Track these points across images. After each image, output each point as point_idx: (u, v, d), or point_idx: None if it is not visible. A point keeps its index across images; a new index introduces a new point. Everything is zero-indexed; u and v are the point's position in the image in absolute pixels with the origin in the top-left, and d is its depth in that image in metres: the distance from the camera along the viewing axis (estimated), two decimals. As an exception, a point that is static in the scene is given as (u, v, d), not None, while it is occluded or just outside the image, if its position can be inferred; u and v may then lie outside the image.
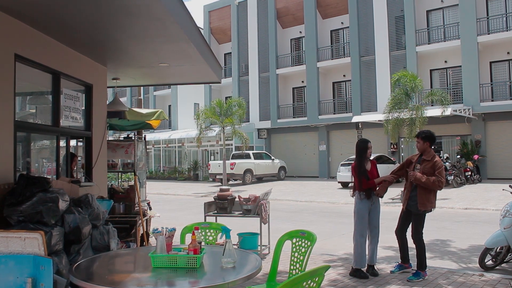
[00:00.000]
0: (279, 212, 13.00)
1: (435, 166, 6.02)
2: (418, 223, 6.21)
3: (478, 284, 5.84)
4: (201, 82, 10.38)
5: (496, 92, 23.99)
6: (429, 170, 6.00)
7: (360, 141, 6.77)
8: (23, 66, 5.00)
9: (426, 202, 6.02)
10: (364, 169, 6.40)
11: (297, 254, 4.17)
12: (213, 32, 36.04)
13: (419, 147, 6.24)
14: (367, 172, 6.40)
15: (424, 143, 6.17)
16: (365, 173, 6.37)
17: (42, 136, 6.69)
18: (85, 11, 4.54)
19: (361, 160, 6.48)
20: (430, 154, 6.15)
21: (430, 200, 6.05)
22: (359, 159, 6.49)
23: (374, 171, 6.50)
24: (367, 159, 6.51)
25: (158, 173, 34.17)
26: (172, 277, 3.22)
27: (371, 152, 6.57)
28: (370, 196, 6.35)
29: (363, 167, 6.42)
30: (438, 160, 6.11)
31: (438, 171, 5.99)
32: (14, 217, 4.12)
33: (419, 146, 6.23)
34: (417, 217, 6.19)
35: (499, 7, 24.06)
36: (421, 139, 6.19)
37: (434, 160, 6.09)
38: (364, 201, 6.36)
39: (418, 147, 6.27)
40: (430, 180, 5.92)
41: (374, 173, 6.48)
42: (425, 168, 6.05)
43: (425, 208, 6.04)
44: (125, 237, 6.90)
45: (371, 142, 6.62)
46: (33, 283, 2.97)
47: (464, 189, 19.18)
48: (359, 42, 27.63)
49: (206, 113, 23.95)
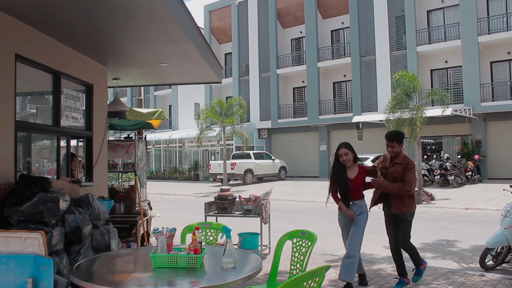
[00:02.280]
0: (280, 212, 13.00)
1: (407, 168, 5.48)
2: (405, 230, 5.65)
3: (479, 284, 5.83)
4: (201, 82, 10.38)
5: (496, 92, 23.97)
6: (400, 173, 5.49)
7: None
8: (23, 66, 5.00)
9: (400, 205, 5.52)
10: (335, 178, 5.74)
11: (298, 254, 4.17)
12: (214, 32, 36.04)
13: (395, 151, 5.58)
14: (333, 183, 5.76)
15: (399, 145, 5.59)
16: (333, 183, 5.76)
17: (42, 136, 6.70)
18: (85, 11, 4.54)
19: (335, 168, 5.78)
20: (402, 157, 5.57)
21: (405, 202, 5.52)
22: (333, 167, 5.84)
23: (359, 180, 5.67)
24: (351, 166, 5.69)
25: (159, 173, 34.17)
26: (173, 277, 3.22)
27: (347, 160, 5.61)
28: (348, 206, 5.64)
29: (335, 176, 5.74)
30: (411, 161, 5.56)
31: (408, 175, 5.46)
32: (15, 217, 4.12)
33: (396, 150, 5.58)
34: (405, 224, 5.61)
35: (499, 7, 24.04)
36: (397, 142, 5.57)
37: (407, 162, 5.53)
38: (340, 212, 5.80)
39: (393, 151, 5.58)
40: (397, 188, 5.44)
41: (358, 182, 5.67)
42: (395, 171, 5.53)
43: (399, 211, 5.51)
44: (126, 237, 6.89)
45: (346, 148, 5.68)
46: (34, 283, 2.97)
47: (465, 189, 19.17)
48: (360, 42, 27.62)
49: (207, 113, 23.95)
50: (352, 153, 5.65)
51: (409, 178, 5.44)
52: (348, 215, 5.64)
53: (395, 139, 5.55)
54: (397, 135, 5.63)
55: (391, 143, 5.55)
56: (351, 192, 5.60)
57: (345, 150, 5.63)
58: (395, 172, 5.52)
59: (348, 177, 5.62)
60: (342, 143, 5.79)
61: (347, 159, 5.59)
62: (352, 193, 5.60)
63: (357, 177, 5.65)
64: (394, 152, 5.55)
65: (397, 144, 5.55)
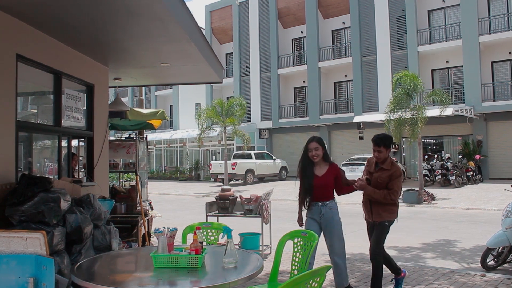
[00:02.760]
0: (281, 212, 12.99)
1: (392, 176, 5.10)
2: (380, 235, 5.18)
3: (480, 284, 5.83)
4: (202, 82, 10.38)
5: (497, 92, 23.96)
6: (385, 180, 5.11)
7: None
8: (24, 66, 5.01)
9: (382, 213, 5.12)
10: (303, 175, 5.30)
11: (299, 254, 4.17)
12: (215, 32, 36.05)
13: (382, 156, 5.18)
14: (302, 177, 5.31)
15: (387, 150, 5.19)
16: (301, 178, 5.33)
17: (43, 136, 6.70)
18: (86, 11, 4.55)
19: (302, 163, 5.36)
20: (389, 163, 5.20)
21: (388, 210, 5.13)
22: (300, 161, 5.40)
23: (327, 179, 5.20)
24: (320, 163, 5.24)
25: (160, 173, 34.18)
26: (174, 277, 3.22)
27: (316, 155, 5.16)
28: (310, 209, 5.27)
29: (302, 171, 5.32)
30: (398, 168, 5.21)
31: (393, 182, 5.08)
32: (16, 217, 4.13)
33: (382, 155, 5.18)
34: (380, 228, 5.17)
35: (500, 7, 24.03)
36: (384, 147, 5.16)
37: (394, 169, 5.16)
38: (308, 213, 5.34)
39: (380, 156, 5.18)
40: (381, 196, 5.05)
41: (326, 180, 5.20)
42: (380, 177, 5.14)
43: (381, 219, 5.11)
44: (127, 237, 6.89)
45: (318, 142, 5.24)
46: (35, 283, 2.97)
47: (466, 189, 19.16)
48: (361, 42, 27.62)
49: (208, 113, 23.94)
50: (322, 149, 5.22)
51: (396, 187, 5.08)
52: (298, 219, 5.48)
53: (383, 143, 5.15)
54: (384, 139, 5.19)
55: (378, 148, 5.15)
56: (317, 191, 5.17)
57: (316, 144, 5.19)
58: (380, 178, 5.13)
59: (315, 174, 5.20)
60: (314, 137, 5.33)
61: (316, 154, 5.16)
62: (317, 192, 5.17)
63: (325, 175, 5.19)
64: (380, 157, 5.17)
65: (384, 149, 5.15)
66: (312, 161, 5.22)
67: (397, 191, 5.10)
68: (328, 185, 5.21)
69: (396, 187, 5.09)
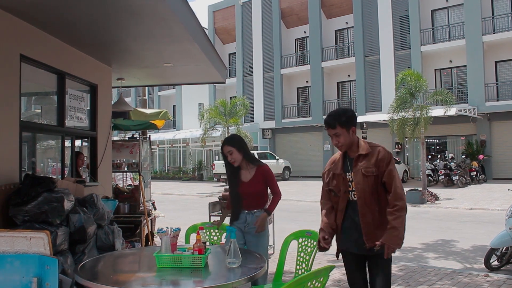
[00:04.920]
0: (284, 212, 12.99)
1: (381, 161, 3.38)
2: (389, 273, 3.51)
3: (484, 284, 5.81)
4: (205, 82, 10.39)
5: (501, 92, 23.90)
6: (373, 169, 3.36)
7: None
8: (28, 66, 5.02)
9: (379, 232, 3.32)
10: (229, 183, 4.65)
11: (303, 254, 4.17)
12: (218, 32, 36.08)
13: (344, 141, 3.46)
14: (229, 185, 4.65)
15: (348, 131, 3.46)
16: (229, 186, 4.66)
17: (47, 136, 6.72)
18: (89, 11, 4.56)
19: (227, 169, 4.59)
20: (365, 146, 3.49)
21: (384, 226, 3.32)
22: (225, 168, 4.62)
23: (255, 184, 4.42)
24: (245, 166, 4.48)
25: (163, 173, 34.22)
26: (177, 277, 3.22)
27: (233, 159, 4.40)
28: (237, 217, 4.49)
29: (228, 179, 4.66)
30: (381, 148, 3.49)
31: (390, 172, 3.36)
32: (20, 217, 4.14)
33: (343, 139, 3.45)
34: (387, 261, 3.41)
35: (504, 7, 23.96)
36: (341, 126, 3.44)
37: (378, 150, 3.44)
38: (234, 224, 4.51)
39: (341, 141, 3.46)
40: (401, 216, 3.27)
41: (255, 186, 4.42)
42: (366, 169, 3.37)
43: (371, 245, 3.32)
44: (130, 237, 6.91)
45: (229, 144, 4.40)
46: (39, 283, 2.98)
47: (469, 189, 19.11)
48: (364, 42, 27.59)
49: (211, 113, 23.94)
50: (239, 151, 4.39)
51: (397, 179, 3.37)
52: (217, 222, 4.83)
53: (337, 122, 3.43)
54: (338, 115, 3.46)
55: (333, 131, 3.45)
56: (245, 199, 4.42)
57: (229, 147, 4.38)
58: (366, 170, 3.37)
59: (241, 180, 4.45)
60: (226, 139, 4.51)
61: (233, 158, 4.39)
62: (246, 201, 4.41)
63: (252, 180, 4.41)
64: (341, 142, 3.46)
65: (343, 129, 3.44)
66: (238, 166, 4.48)
67: (400, 185, 3.38)
68: (258, 192, 4.45)
69: (397, 178, 3.38)
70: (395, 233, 3.23)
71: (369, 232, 3.36)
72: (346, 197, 3.49)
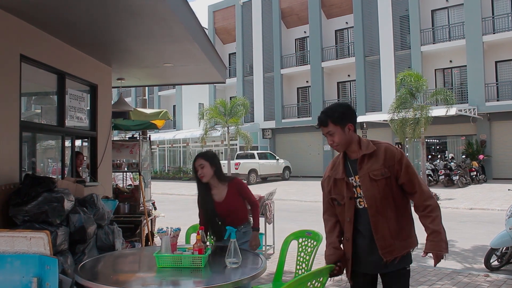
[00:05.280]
0: (284, 212, 12.98)
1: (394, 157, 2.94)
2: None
3: (484, 284, 5.81)
4: (205, 82, 10.39)
5: (501, 91, 23.90)
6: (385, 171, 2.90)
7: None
8: (28, 66, 5.02)
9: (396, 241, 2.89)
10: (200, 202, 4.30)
11: (303, 254, 4.17)
12: (218, 32, 36.08)
13: (339, 140, 3.00)
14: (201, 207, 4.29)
15: (343, 128, 3.00)
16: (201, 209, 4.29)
17: (47, 136, 6.72)
18: (89, 11, 4.56)
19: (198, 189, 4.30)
20: (367, 144, 3.05)
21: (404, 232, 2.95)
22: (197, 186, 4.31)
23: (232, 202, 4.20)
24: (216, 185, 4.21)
25: (163, 173, 34.21)
26: (177, 277, 3.23)
27: (203, 174, 4.13)
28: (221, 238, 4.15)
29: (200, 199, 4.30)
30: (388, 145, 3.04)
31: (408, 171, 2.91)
32: (20, 217, 4.14)
33: (338, 137, 3.00)
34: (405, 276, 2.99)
35: (504, 7, 23.96)
36: (334, 123, 2.98)
37: (385, 147, 3.00)
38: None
39: (335, 140, 3.00)
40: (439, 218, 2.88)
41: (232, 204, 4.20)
42: (373, 172, 2.92)
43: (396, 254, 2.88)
44: (130, 237, 6.91)
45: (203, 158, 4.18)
46: (39, 283, 2.98)
47: (469, 189, 19.10)
48: (364, 42, 27.59)
49: (210, 113, 23.95)
50: (211, 166, 4.16)
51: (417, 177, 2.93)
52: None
53: (330, 119, 2.99)
54: (329, 112, 3.02)
55: (326, 129, 3.01)
56: (226, 218, 4.16)
57: (201, 161, 4.15)
58: (374, 173, 2.92)
59: (215, 201, 4.20)
60: (200, 153, 4.29)
61: (203, 173, 4.12)
62: (228, 218, 4.14)
63: (228, 197, 4.18)
64: (336, 142, 3.01)
65: (336, 127, 2.99)
66: (208, 185, 4.23)
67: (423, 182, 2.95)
68: (238, 208, 4.25)
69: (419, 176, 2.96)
70: (438, 238, 2.82)
71: (386, 245, 2.86)
72: (353, 205, 2.98)
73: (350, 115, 3.07)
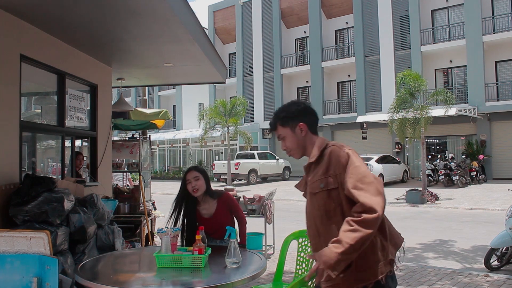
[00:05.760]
0: (284, 212, 12.99)
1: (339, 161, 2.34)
2: None
3: (484, 284, 5.81)
4: (205, 82, 10.39)
5: (501, 91, 23.89)
6: (330, 182, 2.35)
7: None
8: (28, 66, 5.02)
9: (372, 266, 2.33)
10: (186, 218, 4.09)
11: (303, 254, 4.17)
12: (218, 32, 36.08)
13: (290, 144, 2.64)
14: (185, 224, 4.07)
15: (293, 130, 2.58)
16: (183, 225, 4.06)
17: (47, 136, 6.72)
18: (89, 12, 4.56)
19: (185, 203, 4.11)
20: (316, 148, 2.51)
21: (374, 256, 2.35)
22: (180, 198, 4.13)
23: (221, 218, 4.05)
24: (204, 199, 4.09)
25: (163, 173, 34.20)
26: (177, 277, 3.22)
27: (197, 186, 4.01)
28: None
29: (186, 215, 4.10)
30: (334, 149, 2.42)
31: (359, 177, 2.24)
32: (20, 217, 4.14)
33: (288, 141, 2.63)
34: None
35: (504, 7, 23.96)
36: (282, 124, 2.61)
37: (328, 150, 2.43)
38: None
39: (288, 145, 2.66)
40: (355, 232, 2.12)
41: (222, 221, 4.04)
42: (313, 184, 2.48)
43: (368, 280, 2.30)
44: (130, 236, 6.91)
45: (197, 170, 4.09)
46: (39, 283, 2.98)
47: (469, 189, 19.11)
48: (364, 42, 27.59)
49: (210, 113, 23.95)
50: (205, 180, 4.07)
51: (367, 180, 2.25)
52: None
53: (279, 121, 2.62)
54: (276, 113, 2.66)
55: (276, 132, 2.68)
56: (214, 233, 4.03)
57: (195, 173, 4.02)
58: (312, 186, 2.48)
59: (202, 217, 4.05)
60: (191, 166, 4.18)
61: (198, 185, 3.98)
62: (216, 234, 4.04)
63: (217, 214, 4.05)
64: (288, 146, 2.65)
65: (285, 129, 2.61)
66: (194, 200, 4.07)
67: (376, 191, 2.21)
68: (225, 224, 4.04)
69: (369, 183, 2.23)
70: (334, 247, 2.14)
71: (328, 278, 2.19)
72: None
73: (300, 112, 2.56)
